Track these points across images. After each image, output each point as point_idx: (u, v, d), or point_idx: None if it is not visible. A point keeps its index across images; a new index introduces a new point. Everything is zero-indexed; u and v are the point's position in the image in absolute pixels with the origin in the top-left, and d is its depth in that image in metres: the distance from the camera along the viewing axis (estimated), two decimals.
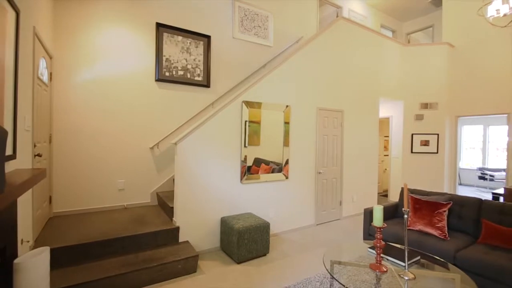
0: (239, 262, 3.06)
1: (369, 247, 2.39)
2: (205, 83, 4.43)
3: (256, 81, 3.77)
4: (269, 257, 3.25)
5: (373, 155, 5.38)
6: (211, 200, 3.38)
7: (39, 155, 2.68)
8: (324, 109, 4.53)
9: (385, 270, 1.97)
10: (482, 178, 8.44)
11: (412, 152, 5.88)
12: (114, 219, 3.33)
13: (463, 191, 7.75)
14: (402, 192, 3.43)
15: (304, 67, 4.25)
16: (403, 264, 2.01)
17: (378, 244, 1.98)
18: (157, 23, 4.00)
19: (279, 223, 4.01)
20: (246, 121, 3.62)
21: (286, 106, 4.02)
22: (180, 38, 4.21)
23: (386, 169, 6.95)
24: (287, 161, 4.05)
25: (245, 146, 3.62)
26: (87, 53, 3.56)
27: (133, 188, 3.91)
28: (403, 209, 1.95)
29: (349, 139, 4.92)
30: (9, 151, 1.83)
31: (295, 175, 4.17)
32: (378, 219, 1.97)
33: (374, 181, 5.43)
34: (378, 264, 2.00)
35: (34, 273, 1.67)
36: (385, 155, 7.02)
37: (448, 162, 5.83)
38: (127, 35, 3.82)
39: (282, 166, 4.00)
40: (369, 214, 3.33)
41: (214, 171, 3.40)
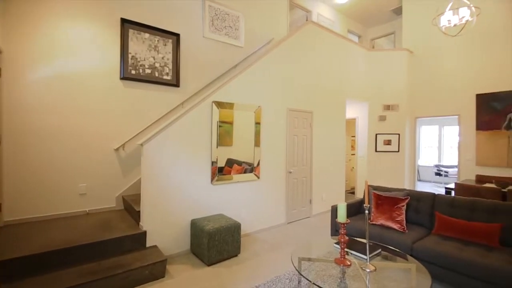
0: (210, 264, 3.02)
1: (335, 243, 2.49)
2: (175, 83, 4.31)
3: (226, 81, 3.75)
4: (240, 257, 3.25)
5: (341, 154, 5.61)
6: (180, 202, 3.30)
7: None
8: (294, 110, 4.63)
9: (349, 264, 2.07)
10: (438, 174, 9.18)
11: (376, 151, 6.23)
12: (75, 226, 3.12)
13: (421, 187, 8.37)
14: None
15: (274, 68, 4.32)
16: (365, 257, 2.12)
17: (342, 240, 2.07)
18: (122, 19, 3.82)
19: (251, 223, 4.03)
20: (217, 121, 3.59)
21: (258, 107, 4.05)
22: (147, 35, 4.06)
23: (353, 167, 7.28)
24: (258, 161, 4.08)
25: (216, 147, 3.59)
26: (44, 48, 3.29)
27: (96, 192, 3.69)
28: (364, 205, 2.06)
29: (318, 139, 5.08)
30: None
31: (266, 175, 4.22)
32: (341, 216, 2.06)
33: (342, 179, 5.67)
34: (342, 258, 2.09)
35: None
36: (352, 154, 7.36)
37: (408, 160, 6.26)
38: (89, 30, 3.59)
39: (254, 167, 4.02)
40: (335, 211, 3.46)
41: (184, 172, 3.32)
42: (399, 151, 6.10)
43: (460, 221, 2.74)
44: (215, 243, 3.02)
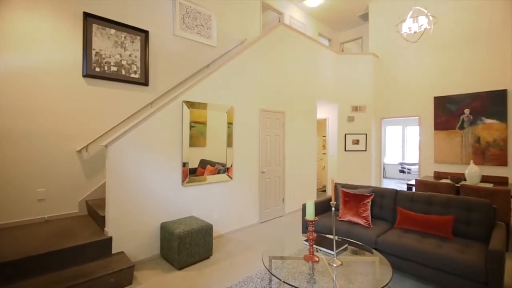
0: (180, 268, 2.95)
1: (304, 240, 2.55)
2: (143, 81, 4.16)
3: (198, 81, 3.69)
4: (212, 259, 3.21)
5: (312, 153, 5.77)
6: (149, 205, 3.18)
7: None
8: (267, 110, 4.68)
9: (317, 260, 2.13)
10: (402, 171, 9.79)
11: (345, 150, 6.49)
12: (32, 235, 2.88)
13: (387, 184, 8.86)
14: (335, 187, 3.76)
15: (247, 68, 4.32)
16: (332, 253, 2.20)
17: (310, 237, 2.13)
18: (84, 13, 3.60)
19: (224, 224, 4.00)
20: (189, 121, 3.52)
21: (230, 107, 4.03)
22: (113, 31, 3.87)
23: (324, 166, 7.52)
24: (231, 162, 4.06)
25: (188, 148, 3.51)
26: None
27: (56, 198, 3.44)
28: (331, 202, 2.13)
29: (290, 139, 5.18)
30: None
31: (239, 175, 4.21)
32: (310, 214, 2.12)
33: (314, 178, 5.83)
34: (311, 255, 2.15)
35: None
36: (323, 154, 7.60)
37: (375, 158, 6.60)
38: (48, 24, 3.34)
39: (227, 167, 4.00)
40: (305, 210, 3.55)
41: (152, 174, 3.21)
42: (366, 150, 6.40)
43: (419, 215, 2.94)
44: (186, 246, 2.95)
